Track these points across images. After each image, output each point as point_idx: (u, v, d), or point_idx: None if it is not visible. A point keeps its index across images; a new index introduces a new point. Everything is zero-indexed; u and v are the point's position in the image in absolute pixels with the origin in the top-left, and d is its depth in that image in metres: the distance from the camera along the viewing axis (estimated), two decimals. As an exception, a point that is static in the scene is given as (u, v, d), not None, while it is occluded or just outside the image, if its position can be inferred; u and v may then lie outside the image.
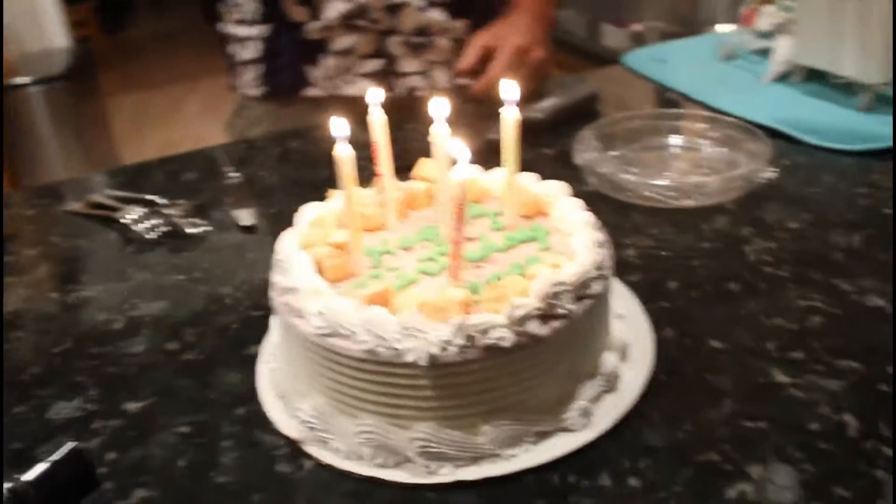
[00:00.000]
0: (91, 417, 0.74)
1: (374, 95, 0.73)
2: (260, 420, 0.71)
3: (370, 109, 0.73)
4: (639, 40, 2.33)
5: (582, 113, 1.28)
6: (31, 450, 0.59)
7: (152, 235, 1.06)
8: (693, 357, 0.73)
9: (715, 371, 0.71)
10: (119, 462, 0.68)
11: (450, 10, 1.36)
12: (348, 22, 1.31)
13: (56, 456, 0.59)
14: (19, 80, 3.24)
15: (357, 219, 0.68)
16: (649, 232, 0.95)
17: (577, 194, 0.77)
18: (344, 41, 1.33)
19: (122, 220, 1.09)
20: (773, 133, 1.14)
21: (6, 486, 0.56)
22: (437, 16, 1.35)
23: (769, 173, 1.01)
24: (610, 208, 1.01)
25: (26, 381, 0.80)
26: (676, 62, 1.49)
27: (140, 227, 1.07)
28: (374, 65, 1.36)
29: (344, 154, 0.66)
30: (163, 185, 1.23)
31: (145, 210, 1.10)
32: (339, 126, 0.67)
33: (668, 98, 1.37)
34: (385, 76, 1.37)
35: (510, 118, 0.70)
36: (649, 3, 2.50)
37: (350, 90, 1.36)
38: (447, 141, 0.70)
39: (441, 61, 1.39)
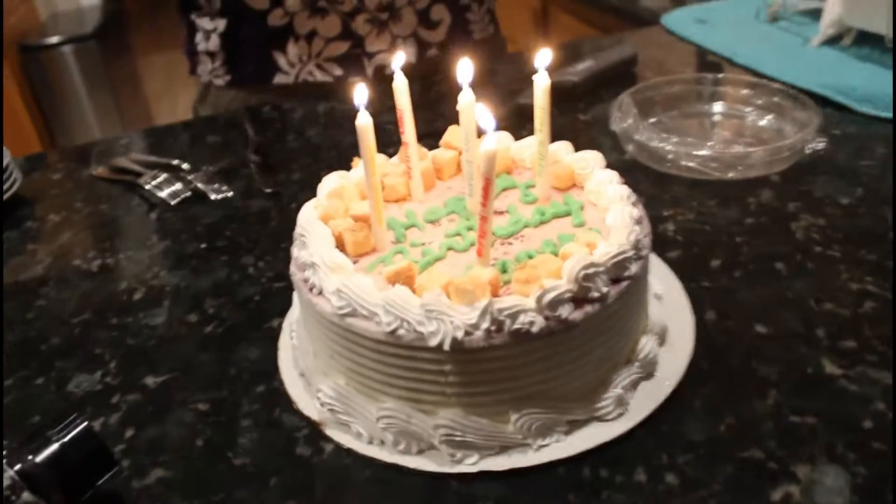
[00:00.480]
0: (110, 392, 0.72)
1: (398, 59, 0.69)
2: (280, 399, 0.68)
3: (395, 74, 0.69)
4: (679, 0, 2.23)
5: (619, 77, 1.22)
6: (50, 427, 0.57)
7: (175, 201, 1.03)
8: (737, 343, 0.69)
9: (760, 359, 0.67)
10: (137, 439, 0.67)
11: None
12: (311, 5, 1.24)
13: (68, 435, 0.57)
14: (51, 39, 3.22)
15: (378, 191, 0.65)
16: (690, 205, 0.90)
17: (613, 163, 0.73)
18: (308, 25, 1.26)
19: (145, 186, 1.06)
20: (822, 100, 1.08)
21: (17, 467, 0.55)
22: None
23: (818, 144, 0.95)
24: (648, 179, 0.96)
25: (46, 352, 0.79)
26: (718, 23, 1.42)
27: (163, 192, 1.05)
28: (341, 47, 1.29)
29: (364, 122, 0.62)
30: (187, 148, 1.20)
31: (168, 175, 1.08)
32: (359, 93, 0.64)
33: (709, 61, 1.31)
34: (355, 58, 1.31)
35: (541, 84, 0.65)
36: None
37: (320, 76, 1.30)
38: (473, 107, 0.66)
39: (407, 35, 1.32)
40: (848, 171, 0.93)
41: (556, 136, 0.74)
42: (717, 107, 1.10)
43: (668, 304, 0.72)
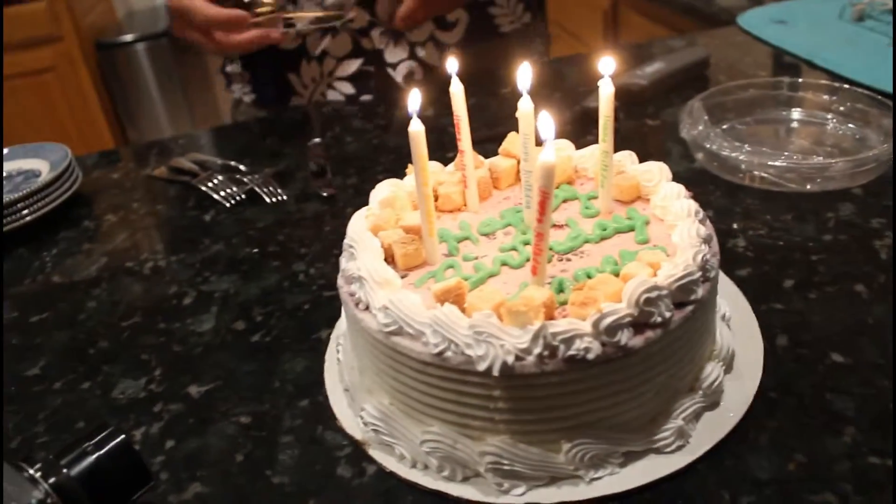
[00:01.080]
0: (153, 400, 0.71)
1: (453, 65, 0.66)
2: (323, 414, 0.66)
3: (452, 79, 0.66)
4: (757, -1, 2.15)
5: (691, 80, 1.17)
6: (87, 439, 0.56)
7: (230, 203, 1.02)
8: (810, 372, 0.64)
9: (836, 391, 0.61)
10: (176, 451, 0.65)
11: None
12: (321, 26, 1.22)
13: (104, 449, 0.56)
14: (126, 37, 3.29)
15: (430, 201, 0.62)
16: (763, 219, 0.84)
17: (682, 173, 0.69)
18: (320, 45, 1.25)
19: (201, 187, 1.06)
20: (911, 107, 1.01)
21: (52, 480, 0.53)
22: None
23: (906, 154, 0.89)
24: (719, 190, 0.91)
25: (94, 356, 0.78)
26: (799, 23, 1.35)
27: (218, 194, 1.04)
28: (353, 65, 1.28)
29: (416, 129, 0.59)
30: (245, 148, 1.19)
31: (224, 176, 1.07)
32: (413, 100, 0.61)
33: (787, 64, 1.24)
34: (371, 75, 1.28)
35: (606, 92, 0.61)
36: (770, -42, 2.31)
37: (332, 95, 1.29)
38: (531, 114, 0.62)
39: (424, 40, 1.28)
40: (938, 186, 0.86)
41: (622, 142, 0.70)
42: (795, 113, 1.04)
43: (736, 328, 0.67)
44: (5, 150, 1.14)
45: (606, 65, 0.62)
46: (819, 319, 0.69)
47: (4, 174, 1.11)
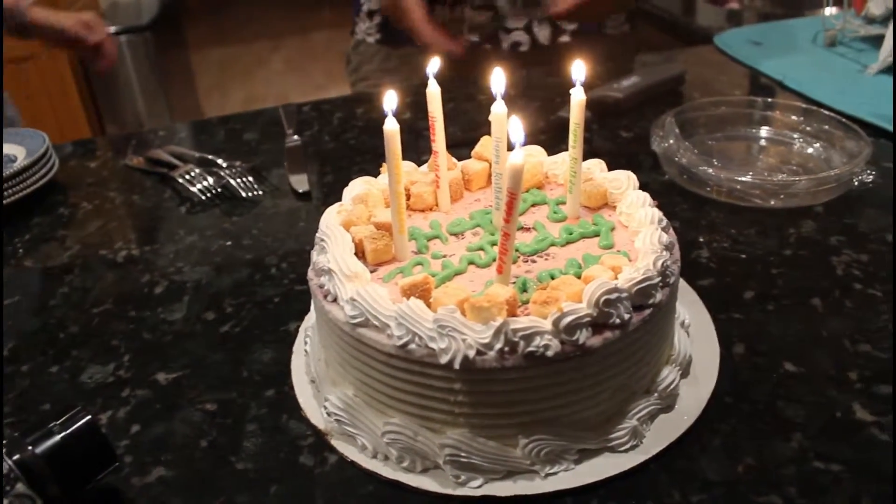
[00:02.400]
0: (121, 385, 0.72)
1: (433, 65, 0.68)
2: (289, 405, 0.67)
3: (428, 80, 0.68)
4: (735, 20, 2.19)
5: (666, 95, 1.20)
6: (53, 418, 0.56)
7: (206, 196, 1.03)
8: (764, 380, 0.66)
9: (787, 398, 0.63)
10: (142, 436, 0.66)
11: None
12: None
13: (71, 428, 0.56)
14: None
15: (402, 199, 0.63)
16: (727, 232, 0.87)
17: (652, 185, 0.71)
18: None
19: (178, 179, 1.06)
20: (875, 131, 1.04)
21: (16, 457, 0.54)
22: None
23: (867, 176, 0.91)
24: (686, 202, 0.93)
25: (64, 341, 0.78)
26: (773, 46, 1.38)
27: (195, 187, 1.04)
28: (483, 17, 1.36)
29: (391, 128, 0.61)
30: (223, 143, 1.20)
31: (202, 169, 1.07)
32: (388, 99, 0.62)
33: (761, 84, 1.27)
34: (492, 31, 1.37)
35: (577, 99, 0.63)
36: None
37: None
38: (504, 118, 0.64)
39: (544, 18, 1.37)
40: (897, 207, 0.89)
41: (596, 152, 0.72)
42: (764, 132, 1.07)
43: (695, 335, 0.69)
44: (-19, 135, 1.13)
45: (577, 70, 0.64)
46: (775, 330, 0.71)
47: (-21, 158, 1.11)
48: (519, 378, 0.54)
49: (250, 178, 1.05)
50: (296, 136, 1.10)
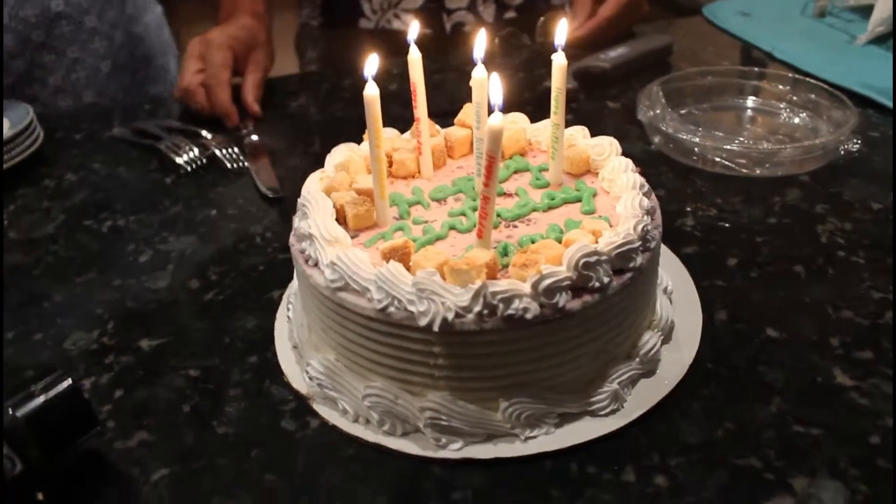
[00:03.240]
0: (105, 352, 0.72)
1: (413, 31, 0.67)
2: (271, 371, 0.67)
3: (410, 47, 0.67)
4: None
5: (653, 66, 1.19)
6: (34, 381, 0.56)
7: (192, 168, 1.02)
8: (745, 345, 0.66)
9: (768, 364, 0.64)
10: (125, 401, 0.66)
11: None
12: None
13: (52, 392, 0.56)
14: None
15: (383, 164, 0.63)
16: (713, 200, 0.87)
17: (638, 154, 0.70)
18: None
19: (163, 150, 1.06)
20: (862, 101, 1.04)
21: (-6, 419, 0.54)
22: None
23: (852, 145, 0.91)
24: (673, 171, 0.93)
25: (49, 309, 0.78)
26: (762, 16, 1.37)
27: (180, 158, 1.04)
28: (416, 1, 1.34)
29: (371, 93, 0.60)
30: (211, 115, 1.19)
31: (187, 141, 1.07)
32: (370, 64, 0.62)
33: (749, 56, 1.26)
34: (433, 12, 1.35)
35: (558, 64, 0.63)
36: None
37: (397, 24, 1.35)
38: (485, 83, 0.63)
39: None
40: (882, 176, 0.89)
41: (582, 121, 0.72)
42: (751, 102, 1.06)
43: (678, 301, 0.69)
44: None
45: (560, 33, 0.63)
46: (758, 297, 0.71)
47: (-37, 129, 1.10)
48: (498, 341, 0.54)
49: (235, 150, 1.04)
50: (254, 136, 1.08)
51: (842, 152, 0.91)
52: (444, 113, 0.78)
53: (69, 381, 0.57)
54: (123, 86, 1.39)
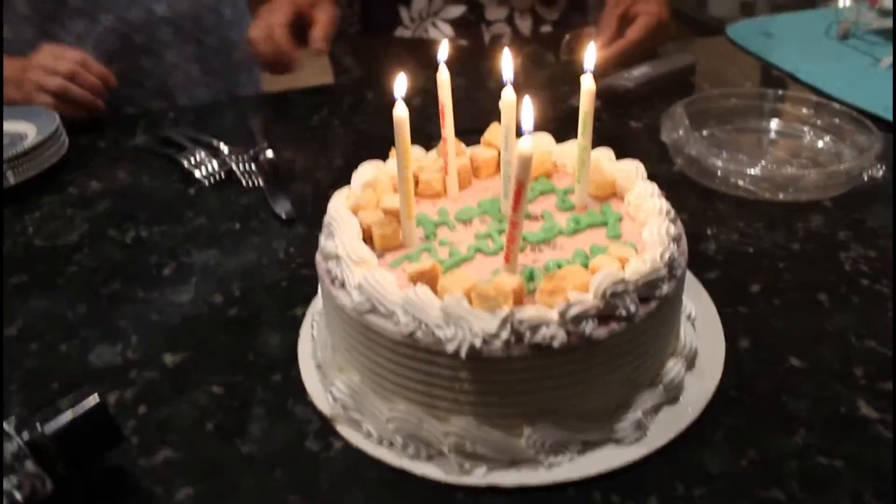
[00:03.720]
0: (129, 366, 0.72)
1: (443, 50, 0.67)
2: (295, 389, 0.67)
3: (439, 66, 0.67)
4: (748, 10, 2.18)
5: (676, 85, 1.19)
6: (59, 396, 0.57)
7: (209, 182, 1.03)
8: (768, 374, 0.66)
9: (791, 393, 0.64)
10: (148, 417, 0.66)
11: None
12: None
13: (79, 408, 0.57)
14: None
15: (410, 185, 0.63)
16: (735, 225, 0.86)
17: (660, 175, 0.70)
18: None
19: (182, 162, 1.06)
20: (886, 125, 1.03)
21: (25, 437, 0.54)
22: None
23: (877, 171, 0.91)
24: (695, 194, 0.93)
25: (72, 320, 0.79)
26: (784, 37, 1.37)
27: (199, 172, 1.04)
28: (458, 10, 1.35)
29: (401, 113, 0.60)
30: (232, 126, 1.20)
31: (207, 153, 1.07)
32: (399, 84, 0.62)
33: (772, 76, 1.26)
34: (470, 24, 1.36)
35: (587, 87, 0.63)
36: (763, -31, 2.34)
37: (434, 33, 1.37)
38: (514, 106, 0.64)
39: (524, 8, 1.37)
40: (906, 203, 0.89)
41: (604, 141, 0.72)
42: (774, 124, 1.06)
43: (701, 327, 0.69)
44: (-6, 112, 1.14)
45: (589, 56, 0.64)
46: (781, 324, 0.71)
47: (-10, 136, 1.11)
48: (524, 368, 0.55)
49: (251, 166, 1.04)
50: (269, 151, 1.06)
51: (866, 178, 0.90)
52: (469, 130, 0.79)
53: (97, 397, 0.57)
54: (213, 90, 1.41)
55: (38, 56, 1.18)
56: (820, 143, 1.02)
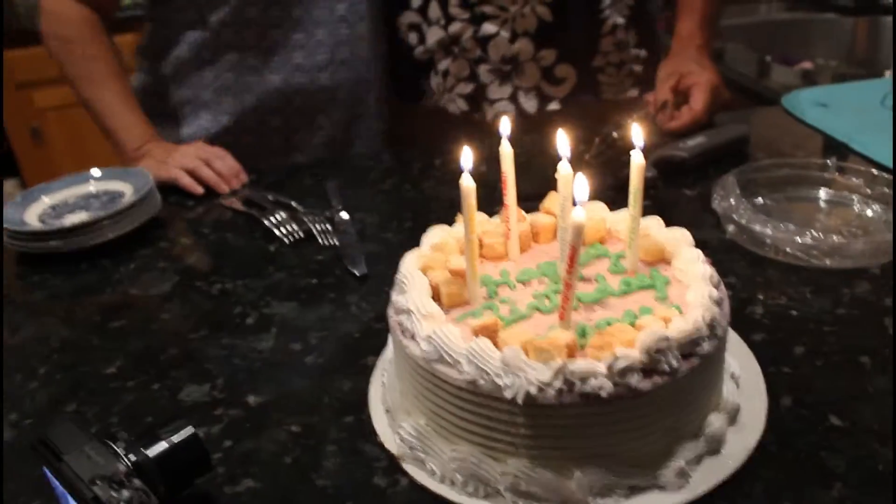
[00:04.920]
0: (215, 404, 0.80)
1: (505, 126, 0.75)
2: (365, 430, 0.74)
3: (502, 140, 0.75)
4: (809, 79, 2.21)
5: (730, 155, 1.24)
6: (159, 427, 0.65)
7: (289, 241, 1.11)
8: (808, 431, 0.70)
9: (830, 450, 0.67)
10: (233, 450, 0.73)
11: (536, 40, 1.40)
12: (445, 48, 1.42)
13: (177, 438, 0.64)
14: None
15: (475, 249, 0.70)
16: (783, 289, 0.91)
17: (712, 242, 0.76)
18: (443, 64, 1.44)
19: (264, 221, 1.15)
20: (936, 196, 1.06)
21: (132, 458, 0.62)
22: (523, 46, 1.40)
23: (925, 241, 0.94)
24: (745, 260, 0.97)
25: (164, 362, 0.87)
26: (840, 107, 1.41)
27: (279, 231, 1.13)
28: (467, 88, 1.44)
29: (468, 184, 0.68)
30: (309, 189, 1.29)
31: (286, 214, 1.16)
32: (465, 157, 0.69)
33: (825, 146, 1.30)
34: (476, 100, 1.45)
35: (636, 163, 0.69)
36: (823, 40, 2.38)
37: (451, 107, 1.46)
38: (570, 177, 0.70)
39: (529, 87, 1.44)
40: (952, 272, 0.92)
41: (659, 209, 0.78)
42: (824, 193, 1.10)
43: (745, 386, 0.73)
44: (97, 172, 1.26)
45: (637, 136, 0.70)
46: (823, 384, 0.75)
47: (94, 193, 1.23)
48: (575, 415, 0.60)
49: (328, 226, 1.13)
50: (344, 213, 1.16)
51: (913, 247, 0.94)
52: (530, 196, 0.85)
53: (191, 429, 0.65)
54: (336, 151, 1.50)
55: (186, 145, 1.34)
56: (869, 212, 1.05)
